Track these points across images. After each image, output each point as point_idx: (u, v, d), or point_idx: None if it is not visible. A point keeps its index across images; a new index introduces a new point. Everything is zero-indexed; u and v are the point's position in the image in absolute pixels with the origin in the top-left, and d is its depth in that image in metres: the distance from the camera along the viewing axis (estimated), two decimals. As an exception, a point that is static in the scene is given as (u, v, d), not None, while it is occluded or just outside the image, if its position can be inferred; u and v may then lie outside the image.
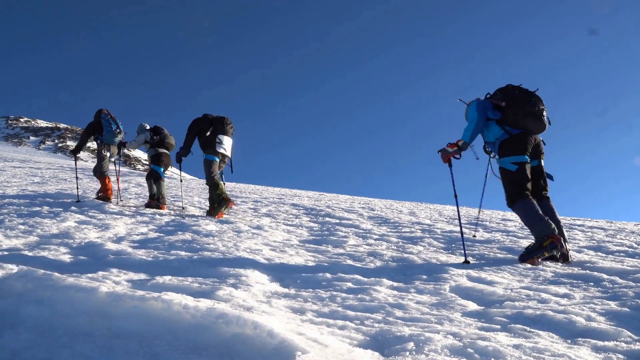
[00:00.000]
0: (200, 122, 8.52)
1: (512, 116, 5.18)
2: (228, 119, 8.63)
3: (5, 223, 6.60)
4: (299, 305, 3.36)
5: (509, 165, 5.17)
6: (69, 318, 2.75)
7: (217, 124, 8.47)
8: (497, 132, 5.30)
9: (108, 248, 5.04)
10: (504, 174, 5.22)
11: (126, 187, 14.79)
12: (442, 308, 3.37)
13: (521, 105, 5.15)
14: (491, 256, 5.32)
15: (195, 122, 8.54)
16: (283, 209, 9.98)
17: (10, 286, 3.18)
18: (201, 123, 8.50)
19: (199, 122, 8.53)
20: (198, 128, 8.50)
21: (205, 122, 8.51)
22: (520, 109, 5.14)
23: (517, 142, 5.19)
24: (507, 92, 5.30)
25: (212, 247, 5.25)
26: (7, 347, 2.47)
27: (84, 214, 7.75)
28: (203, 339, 2.48)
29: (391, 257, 5.09)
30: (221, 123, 8.49)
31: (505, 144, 5.23)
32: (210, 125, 8.47)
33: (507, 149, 5.21)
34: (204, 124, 8.49)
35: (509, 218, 9.92)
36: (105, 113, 9.92)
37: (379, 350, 2.53)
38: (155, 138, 10.04)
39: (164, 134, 10.13)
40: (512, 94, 5.25)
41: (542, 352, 2.50)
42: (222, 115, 8.67)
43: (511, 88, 5.33)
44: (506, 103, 5.19)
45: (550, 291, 3.81)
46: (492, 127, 5.34)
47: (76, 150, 10.08)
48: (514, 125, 5.21)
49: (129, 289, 3.08)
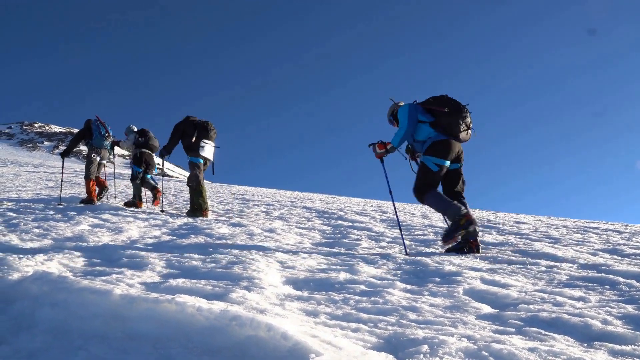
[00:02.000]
0: (184, 125, 8.85)
1: (446, 123, 5.69)
2: (211, 124, 8.96)
3: (21, 226, 6.66)
4: (312, 307, 3.35)
5: (431, 164, 5.66)
6: (84, 320, 2.77)
7: (201, 129, 8.81)
8: (430, 133, 5.76)
9: (121, 251, 5.06)
10: (424, 169, 5.71)
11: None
12: (455, 311, 3.35)
13: (456, 115, 5.67)
14: (505, 259, 5.28)
15: (179, 126, 8.87)
16: (295, 212, 9.98)
17: (26, 289, 3.21)
18: (185, 127, 8.83)
19: (183, 125, 8.86)
20: (182, 131, 8.83)
21: (189, 126, 8.84)
22: (454, 118, 5.67)
23: (445, 146, 5.67)
24: (443, 101, 5.78)
25: (225, 250, 5.26)
26: (24, 348, 2.49)
27: (97, 217, 7.80)
28: (217, 341, 2.49)
29: (404, 259, 5.08)
30: (205, 128, 8.83)
31: (435, 145, 5.69)
32: (195, 130, 8.80)
33: (434, 150, 5.67)
34: (188, 128, 8.82)
35: (522, 221, 9.86)
36: (96, 119, 10.63)
37: (393, 353, 2.51)
38: (140, 140, 10.60)
39: (148, 137, 10.70)
40: (449, 104, 5.74)
41: (557, 355, 2.48)
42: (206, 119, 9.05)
43: (447, 99, 5.80)
44: (448, 109, 5.66)
45: (565, 294, 3.77)
46: (424, 128, 5.80)
47: (65, 153, 10.80)
48: (445, 131, 5.71)
49: (143, 292, 3.09)
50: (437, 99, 5.84)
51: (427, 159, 5.70)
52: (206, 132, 8.83)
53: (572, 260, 5.15)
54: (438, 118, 5.73)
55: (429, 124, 5.76)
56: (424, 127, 5.79)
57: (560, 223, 9.60)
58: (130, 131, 10.86)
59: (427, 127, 5.77)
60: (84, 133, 10.62)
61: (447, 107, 5.68)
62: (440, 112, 5.69)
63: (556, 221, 10.20)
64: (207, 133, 8.83)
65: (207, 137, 8.81)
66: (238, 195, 14.66)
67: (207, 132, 8.83)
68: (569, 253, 5.63)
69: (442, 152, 5.66)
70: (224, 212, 9.60)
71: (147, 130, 10.77)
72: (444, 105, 5.71)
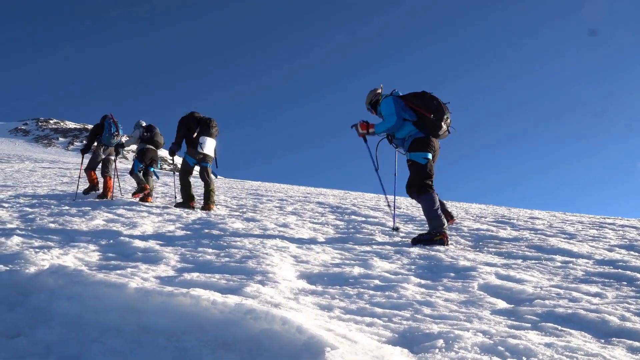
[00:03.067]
0: (189, 120, 9.24)
1: (430, 125, 5.93)
2: (214, 121, 9.36)
3: (37, 221, 6.71)
4: (327, 302, 3.35)
5: (420, 159, 5.89)
6: (99, 313, 2.79)
7: (203, 126, 9.21)
8: (410, 130, 6.01)
9: (136, 245, 5.09)
10: (414, 166, 5.92)
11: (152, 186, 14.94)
12: (470, 306, 3.33)
13: (438, 115, 5.92)
14: (519, 254, 5.25)
15: (183, 120, 9.25)
16: (309, 207, 9.98)
17: (42, 282, 3.23)
18: (190, 121, 9.22)
19: (188, 120, 9.24)
20: (187, 125, 9.21)
21: (193, 121, 9.24)
22: (437, 118, 5.91)
23: (426, 141, 5.94)
24: (425, 100, 6.01)
25: (239, 244, 5.27)
26: (41, 341, 2.51)
27: (112, 212, 7.85)
28: (231, 334, 2.49)
29: (418, 254, 5.05)
30: (207, 125, 9.22)
31: (417, 142, 5.94)
32: (198, 125, 9.21)
33: (418, 146, 5.92)
34: (192, 123, 9.22)
35: (536, 216, 9.79)
36: (109, 117, 11.00)
37: (408, 347, 2.51)
38: (145, 135, 10.87)
39: (154, 132, 10.97)
40: (430, 103, 5.97)
41: (574, 351, 2.45)
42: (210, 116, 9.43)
43: (429, 97, 6.02)
44: (434, 116, 5.90)
45: (581, 290, 3.74)
46: (405, 126, 6.04)
47: (85, 149, 11.36)
48: (425, 129, 5.96)
49: (158, 285, 3.10)
50: (419, 96, 6.06)
51: (414, 155, 5.93)
52: (208, 128, 9.20)
53: (588, 256, 5.11)
54: (422, 119, 5.98)
55: (411, 123, 6.01)
56: (406, 125, 6.04)
57: (575, 219, 9.51)
58: (138, 126, 11.12)
59: (409, 125, 6.02)
60: (98, 129, 10.98)
61: (432, 112, 5.90)
62: (425, 116, 5.93)
63: (571, 217, 10.12)
64: (208, 129, 9.20)
65: (208, 133, 9.18)
66: (251, 191, 14.68)
67: (208, 128, 9.21)
68: (585, 249, 5.58)
69: (425, 146, 5.92)
70: (238, 207, 9.62)
71: (154, 126, 11.04)
72: (427, 106, 5.95)
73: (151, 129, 10.92)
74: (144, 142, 10.86)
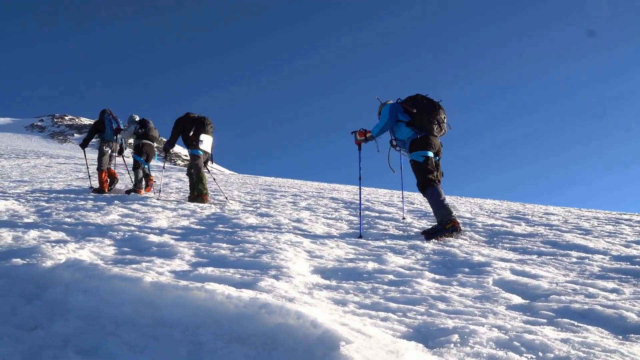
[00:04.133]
0: (184, 121, 9.58)
1: (419, 121, 6.22)
2: (208, 119, 9.66)
3: (53, 216, 6.77)
4: (341, 296, 3.34)
5: (418, 157, 6.16)
6: (115, 307, 2.81)
7: (199, 124, 9.52)
8: (408, 132, 6.30)
9: (151, 240, 5.11)
10: (415, 165, 6.20)
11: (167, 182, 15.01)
12: (485, 301, 3.32)
13: (427, 113, 6.20)
14: (534, 250, 5.21)
15: (179, 121, 9.60)
16: (322, 203, 9.97)
17: (59, 276, 3.26)
18: (185, 122, 9.56)
19: (184, 121, 9.58)
20: (182, 126, 9.55)
21: (188, 121, 9.57)
22: (426, 116, 6.19)
23: (424, 141, 6.19)
24: (416, 100, 6.32)
25: (253, 239, 5.28)
26: (58, 333, 2.53)
27: (127, 207, 7.89)
28: (246, 328, 2.49)
29: (432, 250, 5.04)
30: (202, 123, 9.54)
31: (415, 143, 6.22)
32: (193, 125, 9.53)
33: (416, 146, 6.20)
34: (187, 123, 9.54)
35: (551, 212, 9.71)
36: (108, 113, 11.19)
37: (423, 342, 2.50)
38: (140, 131, 11.08)
39: (149, 127, 11.19)
40: (420, 102, 6.27)
41: (591, 347, 2.43)
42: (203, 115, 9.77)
43: (420, 97, 6.34)
44: (417, 110, 6.20)
45: (597, 286, 3.71)
46: (402, 128, 6.35)
47: (84, 144, 11.53)
48: (421, 129, 6.23)
49: (173, 279, 3.11)
50: (412, 98, 6.40)
51: (413, 155, 6.21)
52: (203, 126, 9.51)
53: (604, 252, 5.06)
54: (412, 118, 6.29)
55: (405, 124, 6.33)
56: (402, 127, 6.35)
57: (591, 215, 9.42)
58: (132, 121, 11.32)
59: (404, 126, 6.33)
60: (99, 125, 11.18)
61: (416, 107, 6.23)
62: (411, 112, 6.27)
63: (586, 213, 10.02)
64: (204, 127, 9.51)
65: (204, 131, 9.50)
66: (265, 186, 14.70)
67: (204, 126, 9.52)
68: (601, 245, 5.53)
69: (422, 145, 6.19)
70: (252, 203, 9.64)
71: (147, 120, 11.22)
72: (415, 105, 6.27)
73: (145, 124, 11.10)
74: (139, 138, 11.08)
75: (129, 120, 11.40)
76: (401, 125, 6.35)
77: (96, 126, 11.24)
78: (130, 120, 11.36)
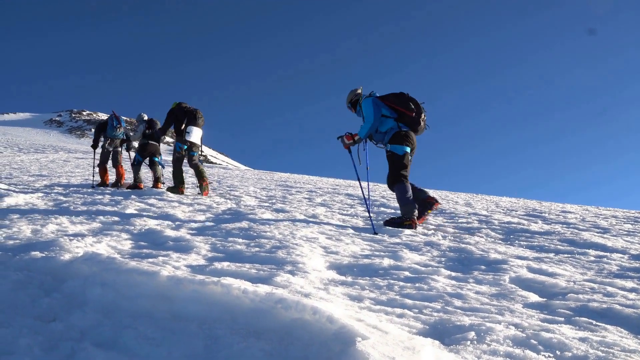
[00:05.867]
0: (177, 112, 9.89)
1: (410, 122, 6.58)
2: (199, 112, 9.96)
3: (71, 210, 6.84)
4: (357, 292, 3.34)
5: (398, 150, 6.51)
6: (132, 300, 2.82)
7: (190, 116, 9.82)
8: (392, 125, 6.62)
9: (167, 234, 5.15)
10: (393, 157, 6.54)
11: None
12: (502, 299, 3.30)
13: (417, 113, 6.58)
14: (551, 248, 5.17)
15: (172, 111, 9.93)
16: (337, 199, 9.97)
17: (77, 269, 3.29)
18: (178, 113, 9.87)
19: (177, 112, 9.89)
20: (175, 116, 9.87)
21: (181, 112, 9.86)
22: (416, 118, 6.57)
23: (406, 136, 6.57)
24: (403, 100, 6.63)
25: (269, 234, 5.29)
26: (76, 325, 2.56)
27: (143, 202, 7.95)
28: (262, 323, 2.50)
29: (448, 247, 5.02)
30: (194, 116, 9.83)
31: (397, 135, 6.56)
32: (185, 116, 9.82)
33: (398, 139, 6.54)
34: (180, 114, 9.85)
35: (568, 210, 9.63)
36: (112, 114, 11.93)
37: (439, 339, 2.49)
38: (147, 132, 11.57)
39: (155, 129, 11.63)
40: (408, 104, 6.59)
41: (610, 346, 2.41)
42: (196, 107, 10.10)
43: (407, 98, 6.64)
44: (415, 113, 6.56)
45: (616, 285, 3.67)
46: (387, 121, 6.65)
47: (94, 145, 12.27)
48: (408, 125, 6.59)
49: (189, 274, 3.13)
50: (398, 97, 6.68)
51: (394, 147, 6.54)
52: (195, 119, 9.79)
53: (622, 251, 5.01)
54: (402, 116, 6.60)
55: (393, 119, 6.62)
56: (387, 121, 6.64)
57: (609, 213, 9.33)
58: (140, 120, 11.83)
59: (391, 121, 6.63)
60: (103, 125, 11.96)
61: (412, 110, 6.55)
62: (406, 114, 6.57)
63: (604, 211, 9.92)
64: (195, 120, 9.79)
65: (195, 123, 9.77)
66: (280, 182, 14.73)
67: (195, 119, 9.79)
68: (619, 243, 5.47)
69: (404, 140, 6.55)
70: (267, 199, 9.66)
71: (155, 121, 11.65)
72: (406, 105, 6.58)
73: (152, 125, 11.54)
74: (145, 138, 11.59)
75: (138, 119, 11.91)
76: (385, 120, 6.65)
77: (100, 126, 12.00)
78: (139, 119, 11.87)
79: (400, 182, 6.44)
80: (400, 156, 6.49)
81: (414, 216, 6.33)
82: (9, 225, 5.28)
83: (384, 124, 6.65)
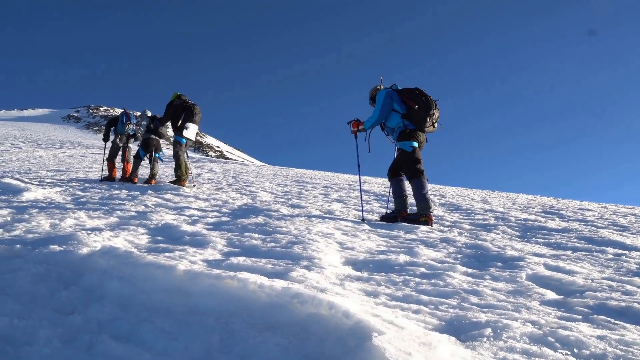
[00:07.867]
0: (176, 106, 10.16)
1: (416, 118, 6.54)
2: (197, 108, 10.17)
3: (88, 205, 6.90)
4: (372, 288, 3.34)
5: (407, 147, 6.54)
6: (149, 294, 2.85)
7: (188, 112, 10.06)
8: (398, 122, 6.62)
9: (183, 229, 5.17)
10: (403, 154, 6.57)
11: (199, 173, 15.17)
12: (518, 296, 3.28)
13: (425, 110, 6.52)
14: (569, 245, 5.13)
15: (171, 105, 10.20)
16: (353, 195, 9.97)
17: (94, 262, 3.32)
18: (177, 107, 10.14)
19: (175, 106, 10.16)
20: (174, 110, 10.15)
21: (179, 107, 10.14)
22: (423, 115, 6.52)
23: (413, 133, 6.57)
24: (416, 96, 6.59)
25: (285, 230, 5.30)
26: (94, 318, 2.58)
27: (160, 197, 8.01)
28: (278, 317, 2.51)
29: (464, 243, 4.99)
30: (191, 112, 10.05)
31: (404, 133, 6.59)
32: (183, 111, 10.09)
33: (405, 136, 6.57)
34: (178, 109, 10.12)
35: (586, 207, 9.54)
36: (124, 110, 12.39)
37: (455, 335, 2.48)
38: (151, 127, 11.94)
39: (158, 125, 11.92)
40: (420, 99, 6.55)
41: (629, 345, 2.38)
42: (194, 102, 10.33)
43: (418, 93, 6.60)
44: (418, 107, 6.50)
45: (635, 283, 3.63)
46: (395, 117, 6.65)
47: (104, 138, 12.67)
48: (414, 122, 6.56)
49: (205, 268, 3.14)
50: (411, 91, 6.65)
51: (402, 144, 6.60)
52: (192, 115, 10.01)
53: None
54: (409, 112, 6.57)
55: (400, 115, 6.61)
56: (396, 117, 6.65)
57: (627, 211, 9.22)
58: (145, 116, 12.25)
59: (398, 117, 6.62)
60: (113, 121, 12.40)
61: (417, 104, 6.51)
62: (412, 108, 6.54)
63: (623, 209, 9.81)
64: (192, 116, 10.01)
65: (192, 120, 10.00)
66: (296, 178, 14.75)
67: (192, 115, 10.01)
68: (639, 241, 5.41)
69: (410, 137, 6.56)
70: (283, 194, 9.68)
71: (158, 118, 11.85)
72: (416, 101, 6.54)
73: (155, 121, 11.74)
74: (148, 132, 11.97)
75: (142, 114, 12.40)
76: (394, 115, 6.66)
77: (111, 122, 12.43)
78: (144, 116, 12.33)
79: (418, 178, 6.41)
80: (410, 152, 6.50)
81: (430, 212, 6.30)
82: (28, 219, 5.35)
83: (392, 119, 6.69)
